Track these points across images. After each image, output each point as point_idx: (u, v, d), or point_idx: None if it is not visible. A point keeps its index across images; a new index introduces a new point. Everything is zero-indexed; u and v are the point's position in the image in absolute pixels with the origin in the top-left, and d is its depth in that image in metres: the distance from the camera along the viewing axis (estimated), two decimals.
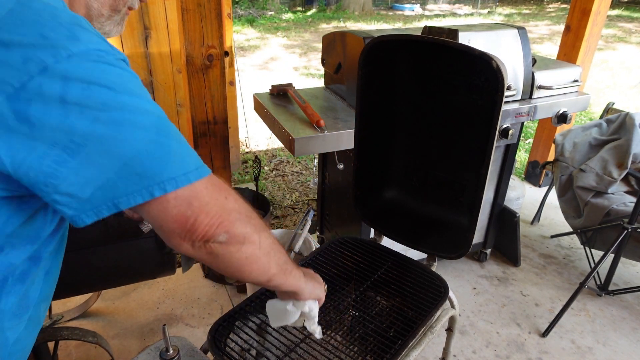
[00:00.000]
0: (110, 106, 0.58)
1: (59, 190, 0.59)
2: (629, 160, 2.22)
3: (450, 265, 2.57)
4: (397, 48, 1.28)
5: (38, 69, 0.54)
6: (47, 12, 0.58)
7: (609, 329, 2.16)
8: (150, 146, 0.61)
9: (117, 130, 0.58)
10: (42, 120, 0.55)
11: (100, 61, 0.59)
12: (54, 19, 0.58)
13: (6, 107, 0.54)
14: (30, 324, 0.77)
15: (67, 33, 0.57)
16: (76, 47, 0.57)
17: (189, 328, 2.10)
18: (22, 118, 0.55)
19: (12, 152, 0.56)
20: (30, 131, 0.55)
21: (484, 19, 13.30)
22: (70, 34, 0.57)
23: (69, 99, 0.55)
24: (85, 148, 0.57)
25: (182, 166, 0.64)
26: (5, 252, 0.66)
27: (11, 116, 0.54)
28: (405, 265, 1.41)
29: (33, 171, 0.57)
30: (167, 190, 0.62)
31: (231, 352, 1.09)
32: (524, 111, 2.06)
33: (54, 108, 0.55)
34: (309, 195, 3.43)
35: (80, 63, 0.57)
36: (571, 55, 2.98)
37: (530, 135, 4.34)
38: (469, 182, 1.22)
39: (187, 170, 0.64)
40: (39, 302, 0.78)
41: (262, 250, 0.77)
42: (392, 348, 1.10)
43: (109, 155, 0.58)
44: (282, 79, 5.02)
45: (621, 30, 10.73)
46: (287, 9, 13.93)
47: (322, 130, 1.75)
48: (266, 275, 0.81)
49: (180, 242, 0.67)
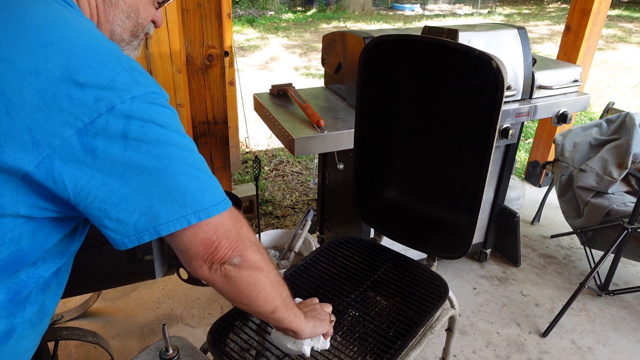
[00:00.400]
0: (163, 142, 0.66)
1: (109, 216, 0.66)
2: (629, 160, 2.22)
3: (450, 265, 2.56)
4: (397, 48, 1.28)
5: (107, 108, 0.62)
6: (114, 57, 0.66)
7: (609, 329, 2.16)
8: (191, 179, 0.69)
9: (166, 164, 0.66)
10: (105, 153, 0.63)
11: (155, 103, 0.67)
12: (119, 64, 0.65)
13: (75, 139, 0.61)
14: (41, 333, 0.82)
15: (130, 78, 0.65)
16: (138, 91, 0.65)
17: (189, 328, 2.10)
18: (88, 150, 0.62)
19: (75, 180, 0.63)
20: (93, 161, 0.62)
21: (484, 19, 13.30)
22: (133, 79, 0.65)
23: (130, 134, 0.63)
24: (137, 178, 0.65)
25: (213, 198, 0.72)
26: (37, 266, 0.72)
27: (79, 148, 0.61)
28: (405, 265, 1.41)
29: (90, 197, 0.64)
30: (202, 218, 0.70)
31: (231, 352, 1.09)
32: (524, 111, 2.06)
33: (116, 142, 0.63)
34: (309, 195, 3.43)
35: (140, 104, 0.65)
36: (571, 55, 2.98)
37: (530, 135, 4.34)
38: (469, 182, 1.22)
39: (217, 201, 0.73)
40: (53, 311, 0.83)
41: (269, 279, 0.84)
42: (392, 348, 1.10)
43: (157, 185, 0.66)
44: (282, 79, 5.02)
45: (621, 30, 10.73)
46: (287, 9, 13.93)
47: (322, 130, 1.75)
48: (271, 305, 0.87)
49: (201, 264, 0.75)
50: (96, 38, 0.67)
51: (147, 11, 0.84)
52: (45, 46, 0.61)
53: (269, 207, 3.23)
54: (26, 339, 0.76)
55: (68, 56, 0.62)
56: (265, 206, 3.24)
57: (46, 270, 0.74)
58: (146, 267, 1.60)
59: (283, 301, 0.90)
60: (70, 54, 0.62)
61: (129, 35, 0.84)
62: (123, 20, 0.81)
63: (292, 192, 3.46)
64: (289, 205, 3.28)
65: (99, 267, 1.50)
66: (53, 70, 0.60)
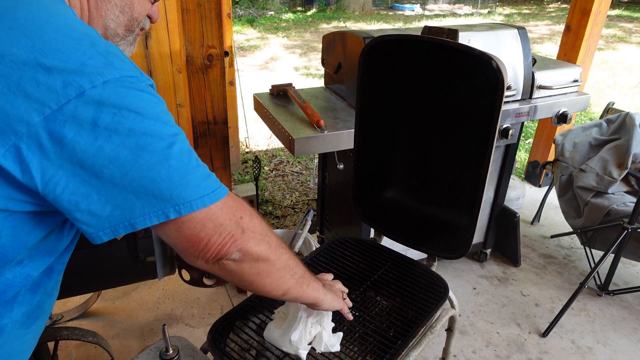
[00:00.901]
0: (136, 131, 0.61)
1: (80, 208, 0.62)
2: (629, 160, 2.22)
3: (450, 265, 2.56)
4: (397, 48, 1.28)
5: (76, 94, 0.58)
6: (87, 41, 0.62)
7: (609, 329, 2.16)
8: (171, 171, 0.64)
9: (139, 155, 0.61)
10: (74, 142, 0.58)
11: (132, 87, 0.62)
12: (93, 47, 0.61)
13: (42, 127, 0.57)
14: (36, 335, 0.80)
15: (104, 61, 0.61)
16: (112, 74, 0.60)
17: (189, 328, 2.10)
18: (56, 138, 0.58)
19: (42, 170, 0.59)
20: (61, 151, 0.58)
21: (484, 19, 13.30)
22: (107, 62, 0.61)
23: (101, 123, 0.59)
24: (108, 170, 0.60)
25: (198, 190, 0.66)
26: (23, 264, 0.69)
27: (46, 136, 0.57)
28: (405, 265, 1.41)
29: (60, 188, 0.60)
30: (182, 213, 0.65)
31: (231, 352, 1.09)
32: (524, 111, 2.06)
33: (86, 131, 0.59)
34: (309, 195, 3.43)
35: (114, 89, 0.60)
36: (571, 55, 2.98)
37: (530, 135, 4.34)
38: (469, 182, 1.22)
39: (203, 193, 0.67)
40: (48, 312, 0.80)
41: (277, 266, 0.80)
42: (392, 348, 1.10)
43: (129, 178, 0.61)
44: (282, 79, 5.02)
45: (621, 30, 10.73)
46: (287, 9, 13.92)
47: (322, 130, 1.75)
48: (281, 290, 0.85)
49: (193, 260, 0.71)
50: (70, 22, 0.63)
51: (142, 6, 0.82)
52: (9, 29, 0.58)
53: (269, 207, 3.23)
54: (18, 340, 0.74)
55: (35, 39, 0.58)
56: (265, 206, 3.24)
57: (34, 269, 0.71)
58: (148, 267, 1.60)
59: (296, 281, 0.87)
60: (38, 37, 0.58)
61: (123, 29, 0.81)
62: (117, 14, 0.78)
63: (292, 192, 3.46)
64: (289, 205, 3.28)
65: (99, 267, 1.50)
66: (18, 54, 0.57)
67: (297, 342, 1.03)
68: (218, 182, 0.71)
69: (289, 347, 1.03)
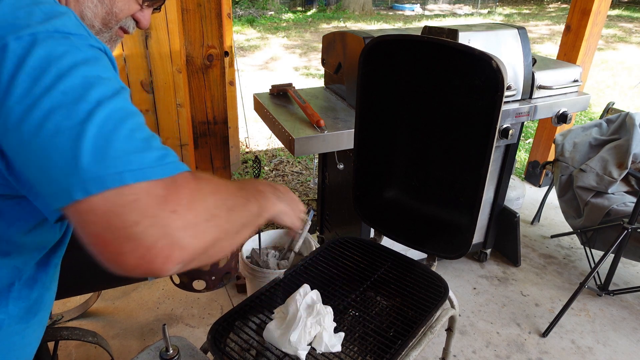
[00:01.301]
0: (49, 89, 0.50)
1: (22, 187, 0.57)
2: (629, 160, 2.22)
3: (450, 265, 2.56)
4: (397, 48, 1.28)
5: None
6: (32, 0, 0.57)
7: (609, 329, 2.16)
8: (79, 138, 0.49)
9: (48, 120, 0.50)
10: None
11: (62, 39, 0.54)
12: (36, 5, 0.56)
13: None
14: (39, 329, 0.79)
15: (42, 16, 0.54)
16: (42, 27, 0.53)
17: (189, 328, 2.10)
18: None
19: None
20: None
21: (484, 19, 13.30)
22: (45, 17, 0.54)
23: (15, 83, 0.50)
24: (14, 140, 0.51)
25: (120, 163, 0.49)
26: (11, 257, 0.67)
27: None
28: (405, 265, 1.41)
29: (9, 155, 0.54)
30: (91, 192, 0.48)
31: (231, 352, 1.09)
32: (524, 111, 2.06)
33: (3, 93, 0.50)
34: (309, 195, 3.43)
35: (41, 42, 0.52)
36: (571, 55, 2.98)
37: (530, 135, 4.34)
38: (469, 182, 1.22)
39: (128, 168, 0.49)
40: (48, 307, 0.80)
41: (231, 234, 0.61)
42: (392, 348, 1.10)
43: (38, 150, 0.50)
44: (282, 79, 5.02)
45: (621, 30, 10.73)
46: (287, 9, 13.92)
47: (322, 130, 1.75)
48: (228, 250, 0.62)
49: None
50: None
51: (126, 3, 0.78)
52: None
53: None
54: (18, 335, 0.73)
55: None
56: None
57: (23, 262, 0.69)
58: None
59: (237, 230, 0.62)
60: None
61: (99, 22, 0.75)
62: (95, 3, 0.73)
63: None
64: None
65: (99, 267, 1.50)
66: None
67: (297, 343, 1.03)
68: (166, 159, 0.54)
69: (288, 348, 1.03)
